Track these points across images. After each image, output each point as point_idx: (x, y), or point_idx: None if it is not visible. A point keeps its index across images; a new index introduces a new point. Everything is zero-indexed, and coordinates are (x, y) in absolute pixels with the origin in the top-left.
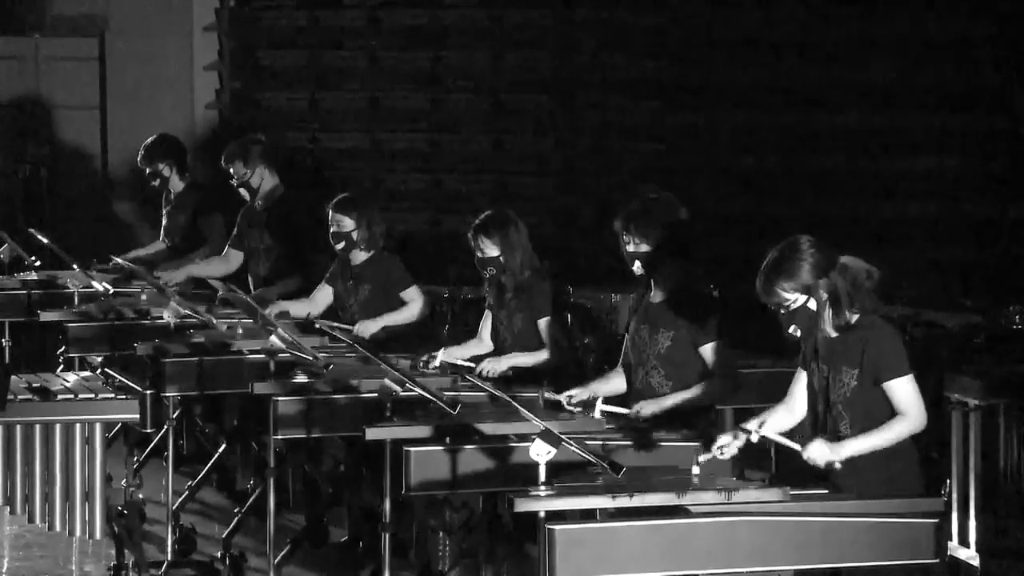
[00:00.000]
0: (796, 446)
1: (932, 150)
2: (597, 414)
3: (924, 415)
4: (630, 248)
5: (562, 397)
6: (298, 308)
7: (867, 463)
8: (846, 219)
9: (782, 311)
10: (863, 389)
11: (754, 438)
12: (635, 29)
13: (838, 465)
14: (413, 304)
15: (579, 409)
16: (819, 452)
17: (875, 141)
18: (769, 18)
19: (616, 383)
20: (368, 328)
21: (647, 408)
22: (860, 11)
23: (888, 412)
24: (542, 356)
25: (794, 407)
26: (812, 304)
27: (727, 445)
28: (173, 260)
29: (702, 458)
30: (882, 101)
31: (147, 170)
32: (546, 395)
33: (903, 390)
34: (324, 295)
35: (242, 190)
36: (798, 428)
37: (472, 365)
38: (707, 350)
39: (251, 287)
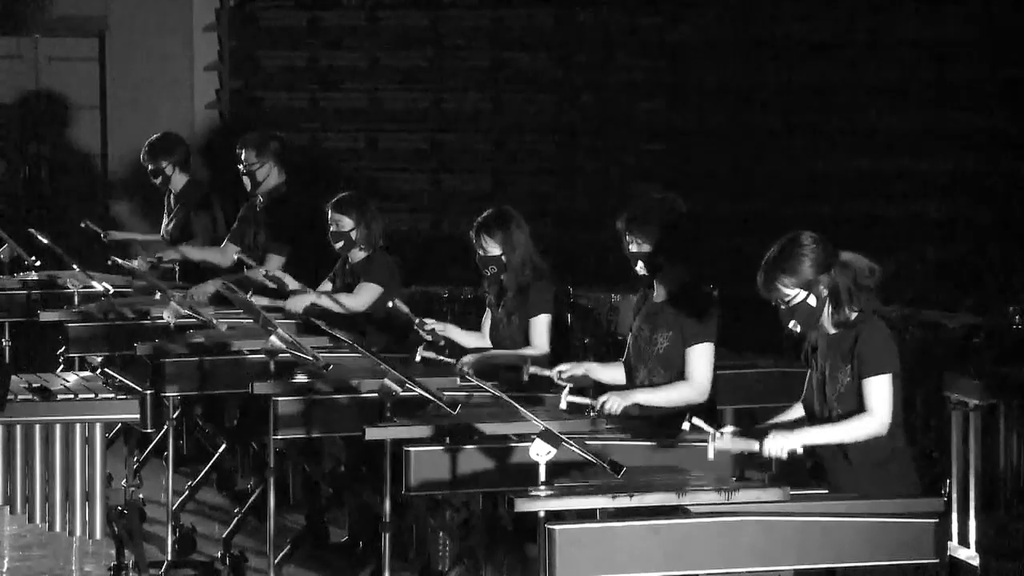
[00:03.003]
0: (755, 446)
1: (933, 150)
2: (563, 404)
3: (888, 419)
4: (632, 248)
5: (552, 372)
6: (326, 300)
7: (862, 464)
8: (846, 219)
9: (782, 306)
10: (855, 386)
11: (719, 444)
12: (635, 29)
13: (799, 451)
14: (358, 297)
15: (570, 385)
16: (776, 445)
17: (875, 141)
18: (769, 18)
19: (614, 373)
20: (299, 303)
21: (613, 401)
22: (862, 11)
23: None
24: (530, 353)
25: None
26: (812, 300)
27: (726, 429)
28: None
29: (693, 421)
30: (882, 101)
31: (150, 167)
32: (531, 371)
33: (876, 388)
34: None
35: (245, 178)
36: (797, 424)
37: (452, 361)
38: (693, 350)
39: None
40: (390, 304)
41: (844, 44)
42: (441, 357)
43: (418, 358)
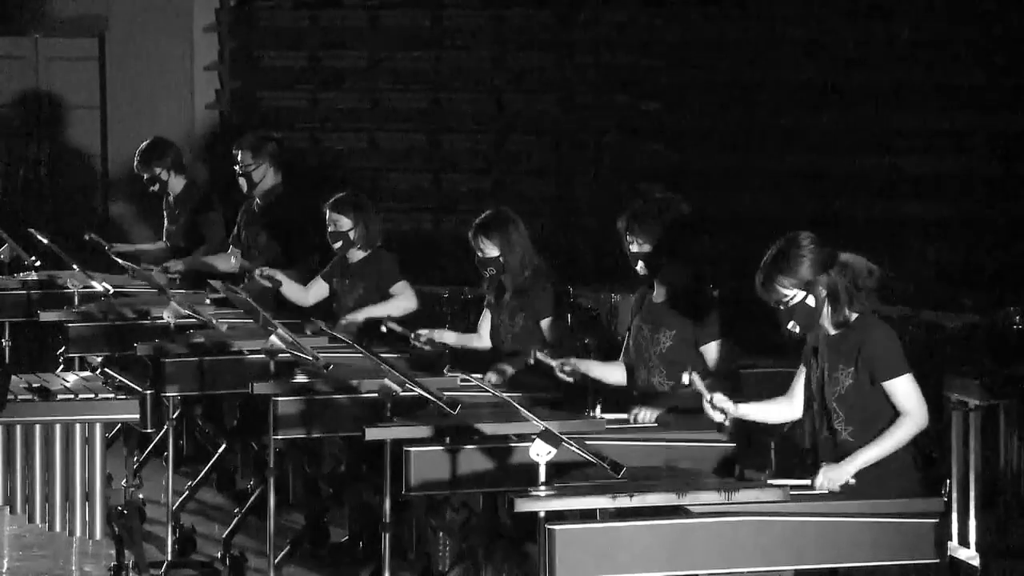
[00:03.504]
0: (807, 481)
1: (932, 150)
2: (596, 416)
3: (926, 413)
4: (633, 248)
5: (555, 363)
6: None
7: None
8: (846, 219)
9: (780, 307)
10: (858, 387)
11: (732, 412)
12: (635, 29)
13: (852, 481)
14: (401, 298)
15: (569, 379)
16: (830, 478)
17: (875, 141)
18: (769, 18)
19: (615, 373)
20: (353, 319)
21: (645, 414)
22: (862, 11)
23: (884, 410)
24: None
25: (794, 402)
26: (811, 300)
27: (717, 400)
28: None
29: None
30: (882, 101)
31: (144, 175)
32: (538, 355)
33: (904, 389)
34: (319, 289)
35: (241, 179)
36: (797, 424)
37: (479, 376)
38: (708, 349)
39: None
40: (383, 328)
41: (844, 44)
42: (396, 328)
43: (423, 338)
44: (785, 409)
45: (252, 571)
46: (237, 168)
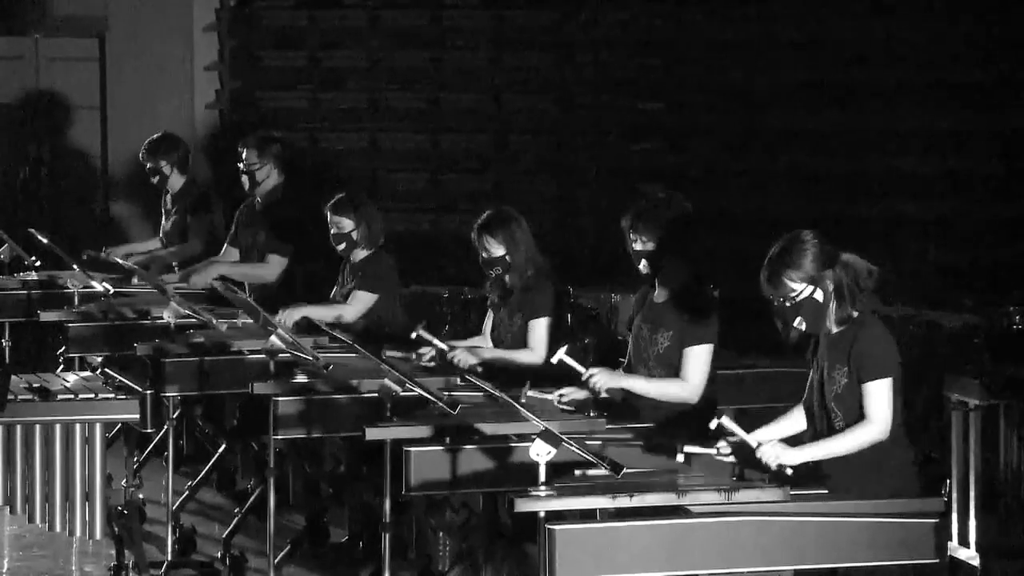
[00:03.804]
0: (753, 442)
1: (932, 150)
2: (555, 361)
3: (888, 424)
4: (636, 247)
5: (552, 396)
6: (318, 311)
7: (859, 459)
8: (846, 219)
9: (788, 304)
10: (852, 387)
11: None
12: (635, 29)
13: (789, 470)
14: (351, 307)
15: (572, 408)
16: (771, 453)
17: (875, 141)
18: (769, 18)
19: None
20: (291, 316)
21: (601, 377)
22: (861, 12)
23: None
24: (526, 356)
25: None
26: (819, 295)
27: (723, 448)
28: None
29: (686, 449)
30: (882, 101)
31: (148, 165)
32: (529, 394)
33: (875, 394)
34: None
35: (244, 177)
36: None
37: (445, 347)
38: (691, 351)
39: (246, 286)
40: (414, 335)
41: (844, 44)
42: (435, 341)
43: (414, 335)
44: (799, 421)
45: (252, 571)
46: (241, 166)
